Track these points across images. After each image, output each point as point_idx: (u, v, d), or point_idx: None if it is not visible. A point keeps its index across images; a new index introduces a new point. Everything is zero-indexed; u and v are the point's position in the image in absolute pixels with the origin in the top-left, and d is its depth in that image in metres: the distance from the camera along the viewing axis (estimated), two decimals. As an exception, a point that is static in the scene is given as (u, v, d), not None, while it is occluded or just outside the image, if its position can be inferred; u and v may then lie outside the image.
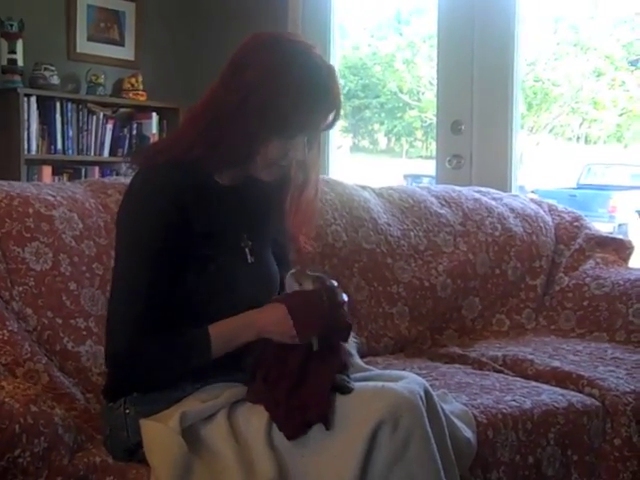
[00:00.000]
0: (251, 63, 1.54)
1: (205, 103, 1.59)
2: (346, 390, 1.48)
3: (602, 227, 3.38)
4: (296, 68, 1.53)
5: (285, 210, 1.68)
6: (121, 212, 1.60)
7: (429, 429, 1.47)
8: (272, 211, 1.70)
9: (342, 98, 1.60)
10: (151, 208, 1.53)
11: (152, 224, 1.52)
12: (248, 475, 1.43)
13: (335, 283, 1.60)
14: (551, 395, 1.98)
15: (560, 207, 3.03)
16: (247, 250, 1.65)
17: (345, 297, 1.60)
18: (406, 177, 5.94)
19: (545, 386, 2.06)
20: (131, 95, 4.49)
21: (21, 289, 1.81)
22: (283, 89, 1.51)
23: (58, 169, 4.21)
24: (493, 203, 2.86)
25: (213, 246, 1.58)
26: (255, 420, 1.48)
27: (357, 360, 1.77)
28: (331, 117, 1.59)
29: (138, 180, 1.59)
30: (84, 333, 1.84)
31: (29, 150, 4.03)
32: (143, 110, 4.54)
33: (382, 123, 6.85)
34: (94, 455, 1.48)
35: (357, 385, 1.51)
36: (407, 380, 1.56)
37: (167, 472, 1.43)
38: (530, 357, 2.27)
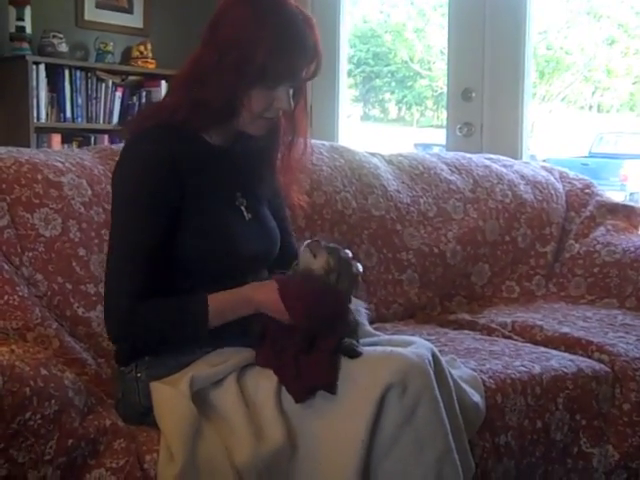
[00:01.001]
0: (226, 20, 1.56)
1: (187, 66, 1.60)
2: (355, 354, 1.49)
3: (614, 195, 3.35)
4: (270, 18, 1.53)
5: (276, 168, 1.70)
6: (115, 177, 1.61)
7: (437, 393, 1.47)
8: (263, 169, 1.71)
9: (321, 49, 1.59)
10: (144, 171, 1.54)
11: (146, 186, 1.53)
12: (257, 439, 1.44)
13: (350, 254, 1.59)
14: (560, 360, 1.99)
15: (571, 174, 3.01)
16: (243, 208, 1.66)
17: (360, 268, 1.60)
18: (417, 146, 5.91)
19: (554, 352, 2.07)
20: (140, 63, 4.47)
21: (31, 255, 1.81)
22: (258, 39, 1.52)
23: (67, 137, 4.21)
24: (504, 170, 2.84)
25: (209, 205, 1.59)
26: (264, 384, 1.49)
27: (366, 326, 1.77)
28: (312, 68, 1.59)
29: (129, 145, 1.60)
30: (94, 298, 1.84)
31: (38, 118, 4.02)
32: (152, 78, 4.52)
33: (393, 92, 6.80)
34: (104, 418, 1.48)
35: (366, 350, 1.52)
36: (415, 345, 1.56)
37: (177, 435, 1.44)
38: (539, 323, 2.27)
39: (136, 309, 1.51)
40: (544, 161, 4.72)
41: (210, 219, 1.58)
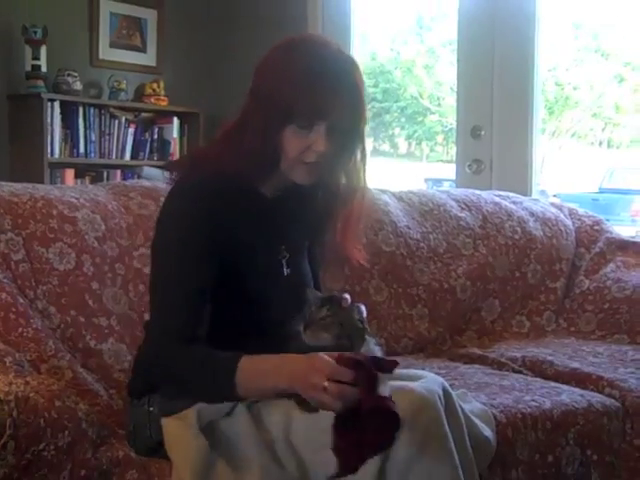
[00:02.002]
0: (264, 66, 1.56)
1: (233, 117, 1.59)
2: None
3: (625, 231, 3.36)
4: (301, 54, 1.52)
5: (334, 223, 1.65)
6: (163, 221, 1.57)
7: (447, 428, 1.47)
8: (317, 222, 1.67)
9: (363, 95, 1.54)
10: (193, 221, 1.51)
11: (196, 235, 1.51)
12: (270, 472, 1.43)
13: (348, 299, 1.53)
14: (571, 395, 1.98)
15: (581, 211, 3.03)
16: (284, 262, 1.64)
17: (364, 311, 1.54)
18: (427, 181, 5.94)
19: (565, 386, 2.06)
20: (153, 100, 4.54)
21: (45, 288, 1.84)
22: (286, 74, 1.50)
23: (81, 172, 4.26)
24: (513, 207, 2.86)
25: (250, 260, 1.57)
26: (275, 414, 1.49)
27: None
28: (352, 113, 1.54)
29: (177, 193, 1.57)
30: (106, 331, 1.86)
31: (52, 154, 4.08)
32: (164, 115, 4.59)
33: (403, 127, 6.84)
34: (117, 449, 1.50)
35: (376, 383, 1.52)
36: (426, 379, 1.56)
37: (188, 469, 1.44)
38: (550, 358, 2.27)
39: (169, 356, 1.49)
40: (554, 196, 4.74)
41: (246, 277, 1.56)
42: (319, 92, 1.49)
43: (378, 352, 1.58)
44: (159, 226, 1.59)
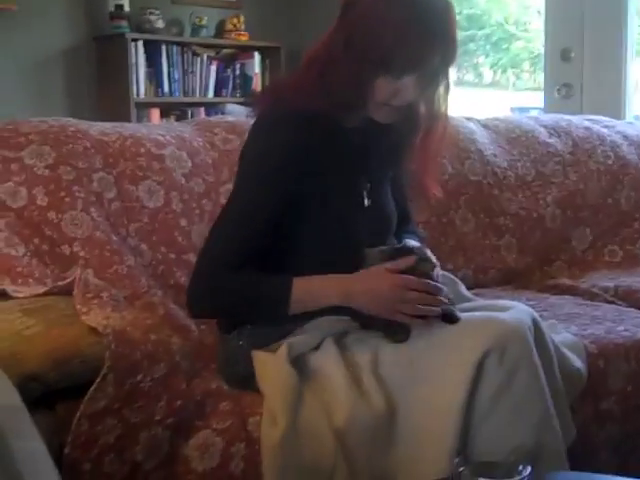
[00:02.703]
0: (357, 1, 1.51)
1: (319, 45, 1.57)
2: (454, 319, 1.49)
3: None
4: (400, 3, 1.48)
5: (413, 153, 1.65)
6: (248, 153, 1.60)
7: (537, 359, 1.46)
8: (397, 152, 1.67)
9: (456, 40, 1.51)
10: (279, 155, 1.53)
11: (275, 165, 1.53)
12: (357, 403, 1.45)
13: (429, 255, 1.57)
14: (666, 325, 1.93)
15: (679, 133, 2.89)
16: (365, 192, 1.64)
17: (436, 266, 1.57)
18: (513, 110, 5.78)
19: (660, 316, 2.01)
20: (233, 36, 4.53)
21: (136, 226, 1.88)
22: (385, 25, 1.46)
23: (165, 111, 4.32)
24: (605, 131, 2.75)
25: (331, 191, 1.58)
26: (362, 349, 1.51)
27: (463, 290, 1.77)
28: (447, 55, 1.51)
29: (267, 126, 1.57)
30: (196, 267, 1.90)
31: (138, 94, 4.15)
32: (246, 50, 4.58)
33: (487, 55, 6.65)
34: (209, 381, 1.54)
35: (464, 315, 1.52)
36: (515, 310, 1.54)
37: (279, 400, 1.47)
38: (644, 288, 2.21)
39: (221, 276, 1.52)
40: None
41: (329, 208, 1.57)
42: (417, 47, 1.46)
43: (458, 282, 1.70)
44: (242, 160, 1.61)
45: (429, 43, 1.47)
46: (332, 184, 1.59)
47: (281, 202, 1.54)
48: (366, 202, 1.64)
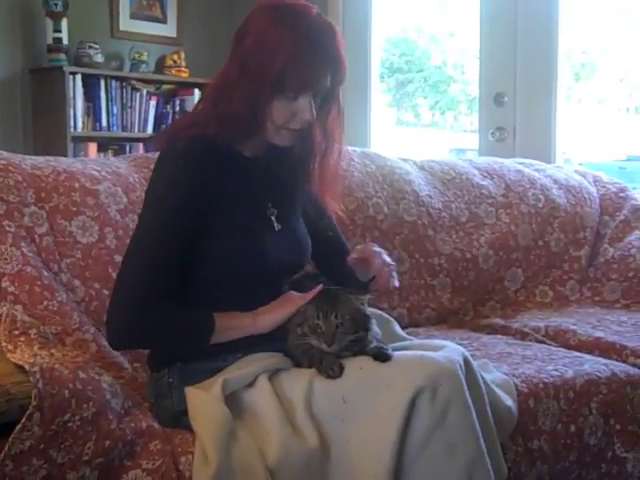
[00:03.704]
0: (248, 30, 1.57)
1: (216, 78, 1.62)
2: (384, 358, 1.50)
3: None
4: (289, 27, 1.53)
5: (311, 178, 1.69)
6: (147, 187, 1.63)
7: (468, 397, 1.47)
8: (297, 178, 1.71)
9: (344, 61, 1.58)
10: (174, 182, 1.55)
11: (173, 196, 1.55)
12: (290, 441, 1.45)
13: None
14: (594, 365, 1.98)
15: (605, 178, 2.99)
16: (273, 218, 1.67)
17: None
18: (451, 151, 5.89)
19: (588, 356, 2.06)
20: (174, 72, 4.54)
21: (69, 261, 1.85)
22: (277, 47, 1.52)
23: (103, 146, 4.28)
24: (536, 175, 2.83)
25: (238, 218, 1.60)
26: (296, 386, 1.50)
27: (397, 329, 1.78)
28: (336, 76, 1.58)
29: (162, 158, 1.61)
30: (130, 304, 1.87)
31: (75, 127, 4.10)
32: (185, 86, 4.59)
33: (426, 97, 6.78)
34: (141, 420, 1.51)
35: (397, 354, 1.53)
36: (447, 349, 1.57)
37: (211, 438, 1.45)
38: (573, 328, 2.26)
39: (144, 314, 1.52)
40: (580, 165, 4.68)
41: (238, 232, 1.59)
42: (309, 67, 1.53)
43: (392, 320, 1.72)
44: (145, 195, 1.63)
45: (319, 62, 1.54)
46: (237, 212, 1.60)
47: (181, 239, 1.54)
48: (276, 227, 1.67)
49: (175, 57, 4.55)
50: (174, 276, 1.55)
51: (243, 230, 1.60)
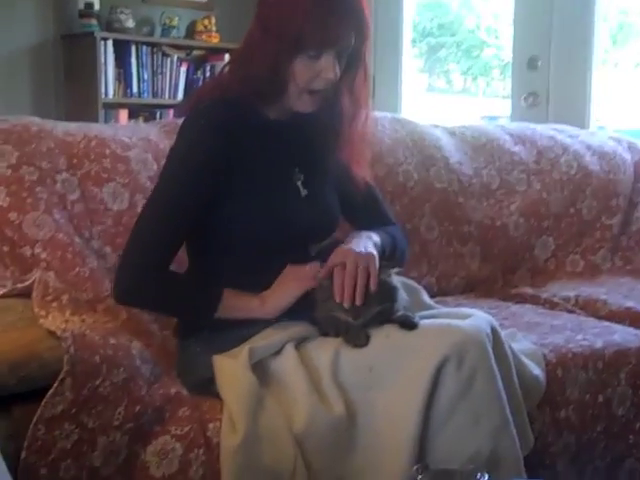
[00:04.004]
0: None
1: (242, 41, 1.61)
2: (411, 326, 1.50)
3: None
4: None
5: (340, 142, 1.66)
6: (170, 150, 1.63)
7: (494, 366, 1.47)
8: (326, 145, 1.68)
9: (368, 19, 1.56)
10: (197, 141, 1.55)
11: (195, 153, 1.55)
12: (317, 410, 1.46)
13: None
14: (624, 335, 1.96)
15: (640, 144, 2.94)
16: (299, 184, 1.66)
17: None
18: (483, 119, 5.83)
19: (618, 326, 2.04)
20: (204, 37, 4.51)
21: (100, 228, 1.86)
22: (296, 5, 1.50)
23: (134, 112, 4.29)
24: (569, 141, 2.79)
25: (261, 181, 1.59)
26: (322, 354, 1.51)
27: (425, 298, 1.78)
28: (360, 33, 1.54)
29: (187, 119, 1.61)
30: (160, 271, 1.89)
31: (106, 94, 4.11)
32: (216, 52, 4.57)
33: (458, 62, 6.69)
34: (170, 387, 1.54)
35: (423, 322, 1.53)
36: (474, 317, 1.56)
37: (239, 406, 1.47)
38: (604, 297, 2.24)
39: (153, 275, 1.53)
40: (615, 132, 4.60)
41: (260, 195, 1.58)
42: (330, 22, 1.50)
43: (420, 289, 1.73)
44: (166, 160, 1.63)
45: (339, 18, 1.51)
46: (261, 175, 1.59)
47: (199, 201, 1.55)
48: (303, 192, 1.66)
49: (206, 22, 4.53)
50: (184, 236, 1.56)
51: (266, 194, 1.59)
